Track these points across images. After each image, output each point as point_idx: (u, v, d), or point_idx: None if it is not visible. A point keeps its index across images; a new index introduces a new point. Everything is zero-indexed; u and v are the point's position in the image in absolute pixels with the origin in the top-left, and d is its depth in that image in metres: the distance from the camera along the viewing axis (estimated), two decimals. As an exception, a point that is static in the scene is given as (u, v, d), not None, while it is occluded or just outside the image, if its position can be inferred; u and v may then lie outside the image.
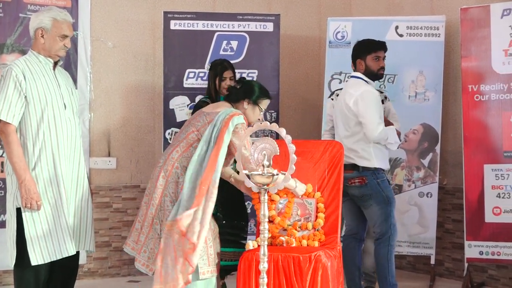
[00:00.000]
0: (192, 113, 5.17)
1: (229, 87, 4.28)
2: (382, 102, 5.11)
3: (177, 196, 3.81)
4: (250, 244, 4.04)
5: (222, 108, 4.02)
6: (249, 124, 4.09)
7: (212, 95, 5.11)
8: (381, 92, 5.23)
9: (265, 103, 4.19)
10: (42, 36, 3.91)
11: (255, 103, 4.14)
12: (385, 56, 4.87)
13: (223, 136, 3.80)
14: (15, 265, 3.85)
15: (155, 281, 3.68)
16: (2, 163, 5.29)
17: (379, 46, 4.83)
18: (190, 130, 3.97)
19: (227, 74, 5.09)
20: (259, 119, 4.26)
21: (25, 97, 3.80)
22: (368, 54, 4.76)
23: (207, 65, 5.78)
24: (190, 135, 3.95)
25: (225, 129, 3.82)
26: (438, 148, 5.87)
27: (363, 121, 4.59)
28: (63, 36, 3.92)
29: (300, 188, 4.19)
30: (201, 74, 5.80)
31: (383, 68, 4.82)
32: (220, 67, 5.11)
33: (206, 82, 5.35)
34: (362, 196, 4.67)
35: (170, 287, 3.65)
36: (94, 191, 4.22)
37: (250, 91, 4.15)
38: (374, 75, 4.79)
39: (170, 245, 3.66)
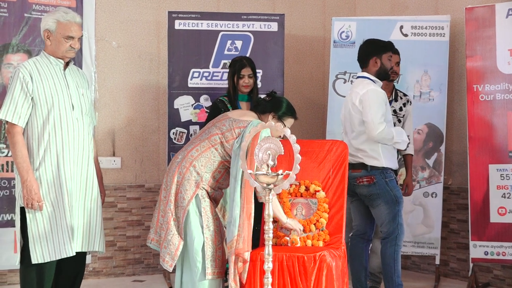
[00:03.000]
0: (209, 111, 5.17)
1: (258, 99, 4.27)
2: (404, 105, 5.13)
3: (192, 194, 3.84)
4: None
5: (249, 117, 4.02)
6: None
7: (230, 93, 5.10)
8: (405, 95, 5.24)
9: (289, 122, 4.18)
10: (48, 38, 3.92)
11: (280, 119, 4.13)
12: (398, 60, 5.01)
13: (254, 150, 3.81)
14: (20, 263, 3.88)
15: None
16: (7, 162, 5.31)
17: (391, 47, 4.90)
18: (214, 132, 3.97)
19: (245, 71, 5.08)
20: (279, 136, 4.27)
21: (32, 98, 3.82)
22: (384, 52, 4.75)
23: (211, 65, 5.79)
24: (213, 137, 3.95)
25: (256, 142, 3.82)
26: (443, 148, 5.86)
27: (365, 120, 4.58)
28: (67, 37, 3.91)
29: (293, 224, 4.22)
30: (206, 74, 5.80)
31: (392, 68, 4.87)
32: (238, 64, 5.11)
33: (211, 82, 5.35)
34: (371, 195, 4.66)
35: None
36: (99, 190, 4.21)
37: (278, 106, 4.14)
38: (387, 74, 4.80)
39: (231, 264, 3.85)
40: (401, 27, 5.96)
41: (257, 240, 4.68)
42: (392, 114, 5.06)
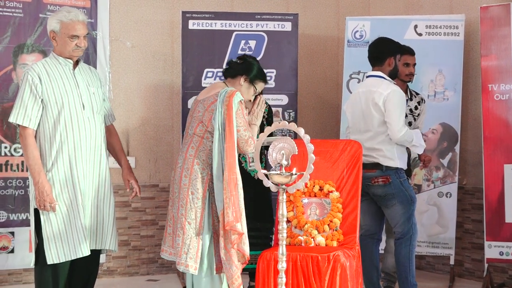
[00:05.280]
0: None
1: (229, 61, 4.29)
2: (419, 104, 5.13)
3: (203, 192, 3.84)
4: None
5: (215, 90, 4.00)
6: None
7: None
8: (417, 94, 5.24)
9: (260, 86, 4.19)
10: (54, 39, 3.91)
11: (251, 83, 4.13)
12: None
13: (231, 119, 3.80)
14: (35, 264, 3.89)
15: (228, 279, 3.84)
16: (22, 162, 5.34)
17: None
18: (196, 123, 3.98)
19: None
20: (256, 97, 4.23)
21: (42, 100, 3.82)
22: (398, 54, 4.78)
23: (225, 65, 5.78)
24: (197, 129, 3.95)
25: (231, 111, 3.82)
26: (457, 147, 5.83)
27: (388, 121, 4.54)
28: (72, 36, 3.88)
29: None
30: (219, 74, 5.81)
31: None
32: None
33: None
34: (386, 195, 4.63)
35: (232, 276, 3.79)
36: (113, 190, 4.21)
37: (249, 69, 4.15)
38: (396, 76, 4.80)
39: (220, 243, 3.80)
40: (416, 26, 5.94)
41: (271, 239, 4.70)
42: (408, 113, 5.04)
